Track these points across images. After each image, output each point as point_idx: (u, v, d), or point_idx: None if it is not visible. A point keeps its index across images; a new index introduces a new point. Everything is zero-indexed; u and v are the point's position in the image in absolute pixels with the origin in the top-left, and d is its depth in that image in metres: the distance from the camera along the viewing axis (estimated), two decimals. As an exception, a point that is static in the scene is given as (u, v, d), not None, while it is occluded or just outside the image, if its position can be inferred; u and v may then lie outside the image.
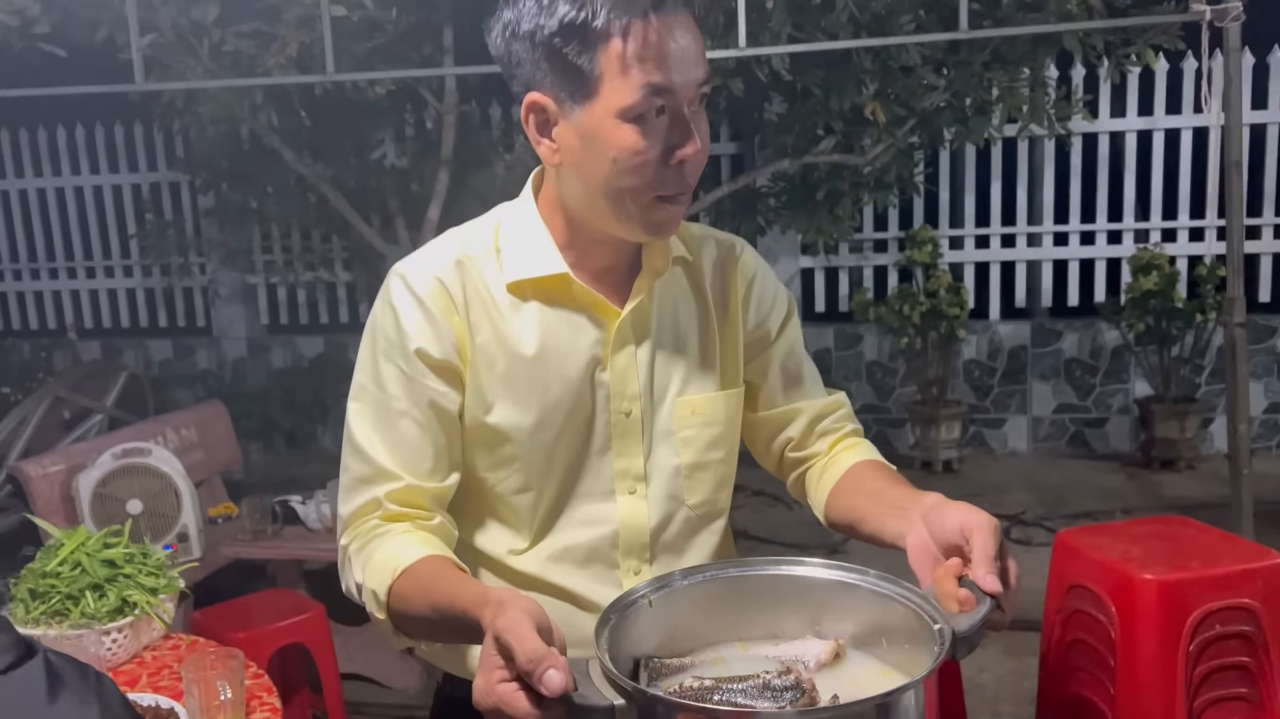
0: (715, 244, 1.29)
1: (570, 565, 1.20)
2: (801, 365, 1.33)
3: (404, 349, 1.15)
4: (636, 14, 1.02)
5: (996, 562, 0.95)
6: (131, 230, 6.91)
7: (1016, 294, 6.11)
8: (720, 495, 1.28)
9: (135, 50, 3.23)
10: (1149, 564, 1.91)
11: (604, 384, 1.19)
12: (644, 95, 1.04)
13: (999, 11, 4.19)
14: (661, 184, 1.09)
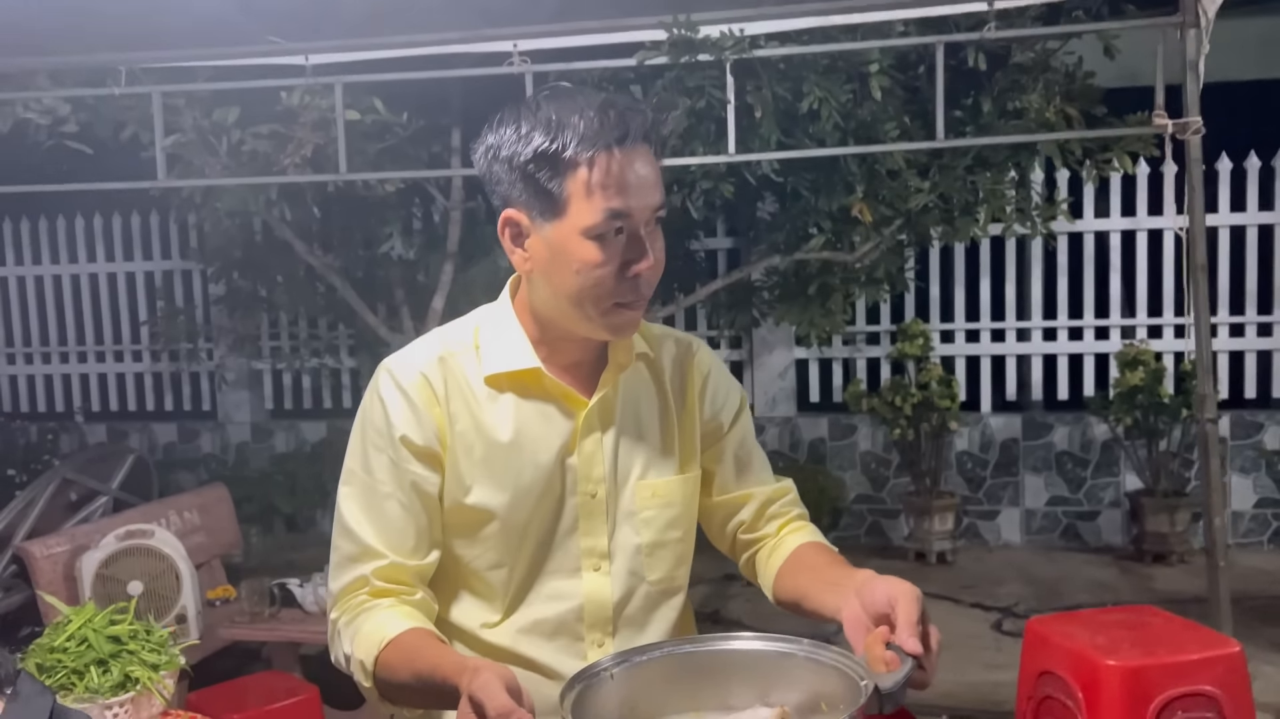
0: (675, 343, 1.43)
1: (539, 638, 1.30)
2: (752, 454, 1.45)
3: (390, 437, 1.27)
4: (601, 147, 1.18)
5: (918, 626, 1.06)
6: (144, 316, 7.09)
7: (1007, 387, 6.23)
8: (678, 572, 1.39)
9: (159, 149, 3.42)
10: (1114, 651, 1.98)
11: (572, 468, 1.31)
12: (604, 218, 1.19)
13: (980, 119, 4.42)
14: (618, 293, 1.23)
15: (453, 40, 3.14)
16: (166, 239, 7.11)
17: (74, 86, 3.64)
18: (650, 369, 1.39)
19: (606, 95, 1.24)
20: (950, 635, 4.51)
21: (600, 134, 1.18)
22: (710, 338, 6.50)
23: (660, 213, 1.25)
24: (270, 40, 3.14)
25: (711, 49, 3.08)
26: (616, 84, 3.68)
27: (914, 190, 4.37)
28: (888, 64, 3.69)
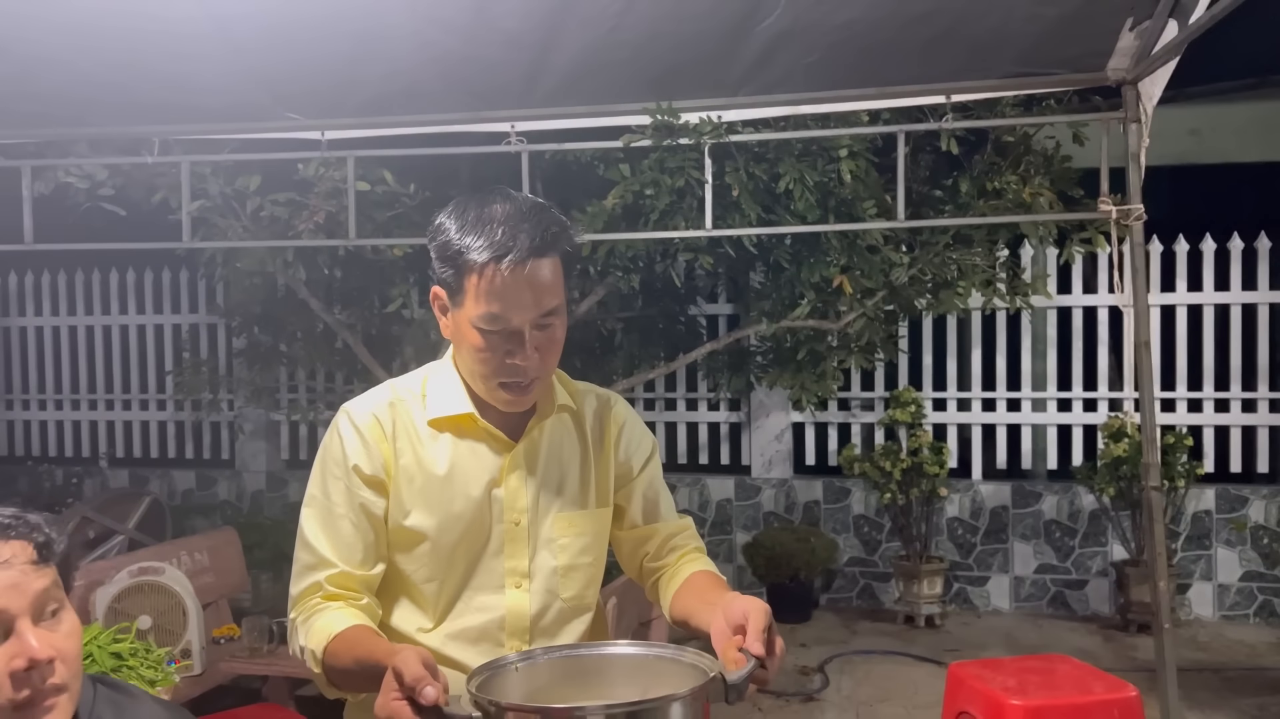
0: (595, 397, 1.67)
1: (464, 643, 1.52)
2: (659, 494, 1.67)
3: (345, 466, 1.50)
4: (492, 260, 1.41)
5: (764, 634, 1.27)
6: (168, 367, 7.41)
7: (998, 455, 6.39)
8: (588, 592, 1.61)
9: (185, 213, 3.71)
10: (1021, 692, 2.15)
11: (498, 499, 1.54)
12: (484, 320, 1.44)
13: (959, 198, 4.66)
14: (500, 374, 1.47)
15: (456, 120, 3.40)
16: (192, 295, 7.46)
17: (111, 154, 3.95)
18: (573, 418, 1.62)
19: (529, 208, 1.46)
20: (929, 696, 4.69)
21: (497, 249, 1.41)
22: (709, 400, 6.72)
23: (547, 318, 1.46)
24: (289, 117, 3.42)
25: (691, 134, 3.33)
26: (605, 163, 3.96)
27: (894, 264, 4.60)
28: (861, 148, 3.95)
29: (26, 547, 1.18)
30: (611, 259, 4.15)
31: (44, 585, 1.18)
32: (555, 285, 1.47)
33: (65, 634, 1.19)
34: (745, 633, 1.27)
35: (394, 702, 1.17)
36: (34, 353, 7.81)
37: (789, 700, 4.80)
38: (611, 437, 1.64)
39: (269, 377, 6.39)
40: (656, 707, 1.16)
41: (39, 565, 1.18)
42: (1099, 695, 2.12)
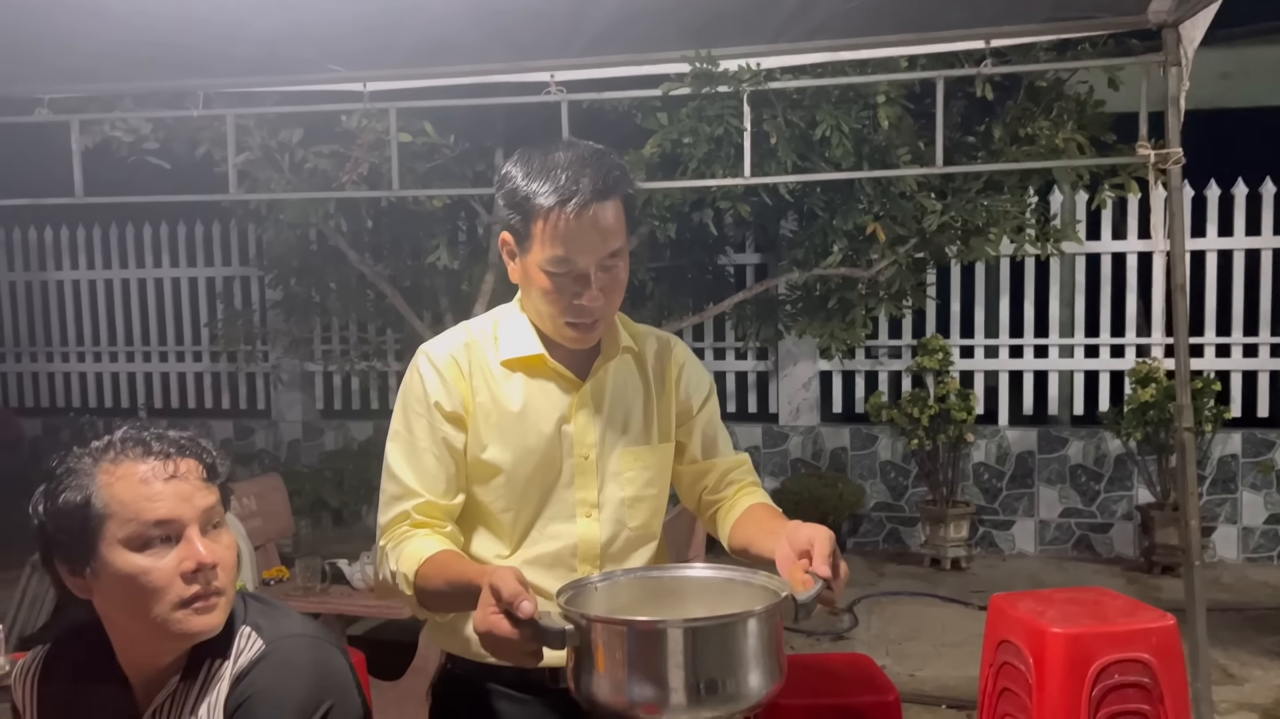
0: (656, 339, 1.76)
1: (540, 568, 1.61)
2: (717, 431, 1.77)
3: (426, 403, 1.59)
4: (557, 205, 1.49)
5: (830, 558, 1.36)
6: (206, 319, 7.54)
7: (1025, 402, 6.44)
8: (653, 521, 1.71)
9: (231, 166, 3.78)
10: (1060, 621, 2.24)
11: (568, 435, 1.63)
12: (551, 262, 1.52)
13: (992, 144, 4.67)
14: (567, 315, 1.55)
15: (496, 71, 3.45)
16: (229, 247, 7.56)
17: (156, 109, 4.01)
18: (635, 359, 1.71)
19: (590, 154, 1.54)
20: (957, 635, 4.80)
21: (562, 193, 1.49)
22: (737, 349, 6.79)
23: (611, 259, 1.54)
24: (332, 69, 3.47)
25: (730, 81, 3.36)
26: (643, 112, 3.99)
27: (928, 212, 4.63)
28: (897, 95, 3.96)
29: (197, 465, 1.32)
30: (648, 208, 4.20)
31: (210, 502, 1.31)
32: (618, 227, 1.54)
33: (225, 546, 1.32)
34: (811, 557, 1.36)
35: (492, 615, 1.27)
36: (74, 306, 7.95)
37: (819, 639, 4.93)
38: (672, 376, 1.72)
39: (305, 328, 6.51)
40: (734, 622, 1.25)
41: (207, 483, 1.31)
42: (1139, 624, 2.20)
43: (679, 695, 1.21)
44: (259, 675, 1.29)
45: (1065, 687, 2.16)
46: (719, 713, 1.24)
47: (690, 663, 1.21)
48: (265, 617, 1.37)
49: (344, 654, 1.39)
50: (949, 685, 4.33)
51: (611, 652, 1.23)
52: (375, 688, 3.77)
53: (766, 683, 1.25)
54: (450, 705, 1.68)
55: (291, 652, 1.31)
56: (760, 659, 1.25)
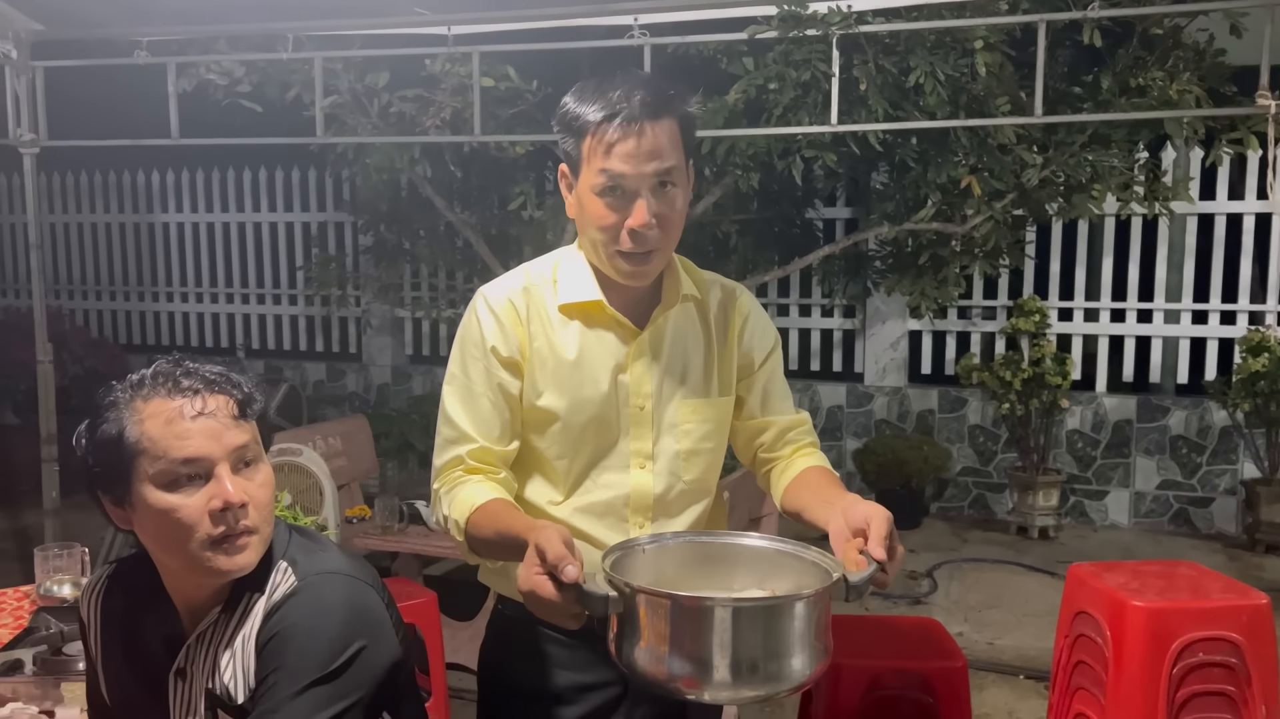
0: (721, 288, 1.69)
1: (592, 517, 1.58)
2: (778, 388, 1.70)
3: (483, 348, 1.56)
4: (604, 118, 1.45)
5: (886, 540, 1.30)
6: (300, 263, 7.72)
7: (1124, 368, 6.18)
8: (709, 476, 1.65)
9: (319, 109, 3.82)
10: (1141, 594, 2.13)
11: (624, 385, 1.58)
12: (602, 176, 1.46)
13: (1099, 95, 4.42)
14: (619, 243, 1.49)
15: (580, 14, 3.40)
16: (322, 193, 7.70)
17: (248, 51, 4.08)
18: (697, 308, 1.65)
19: (646, 78, 1.50)
20: (1040, 605, 4.68)
21: (611, 108, 1.44)
22: (823, 306, 6.66)
23: (662, 177, 1.47)
24: (417, 12, 3.47)
25: (819, 24, 3.25)
26: (728, 56, 3.89)
27: (1027, 165, 4.42)
28: (996, 40, 3.77)
29: (229, 402, 1.30)
30: (731, 158, 4.10)
31: (242, 440, 1.30)
32: (672, 148, 1.48)
33: (259, 484, 1.31)
34: (866, 536, 1.31)
35: (536, 576, 1.25)
36: (176, 248, 8.23)
37: (896, 602, 4.85)
38: (735, 328, 1.66)
39: (394, 273, 6.60)
40: (782, 604, 1.22)
41: (239, 420, 1.30)
42: (1225, 601, 2.08)
43: (720, 673, 1.18)
44: (289, 611, 1.28)
45: (1144, 663, 2.06)
46: (760, 693, 1.22)
47: (734, 642, 1.18)
48: (304, 552, 1.36)
49: (381, 593, 1.36)
50: (1028, 656, 4.22)
51: (654, 623, 1.21)
52: (448, 627, 3.84)
53: (810, 664, 1.21)
54: (500, 646, 1.68)
55: (323, 588, 1.30)
56: (805, 641, 1.21)
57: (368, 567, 1.40)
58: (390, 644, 1.33)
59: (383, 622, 1.33)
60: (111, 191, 8.40)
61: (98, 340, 7.71)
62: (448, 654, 3.75)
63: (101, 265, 8.51)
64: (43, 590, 2.33)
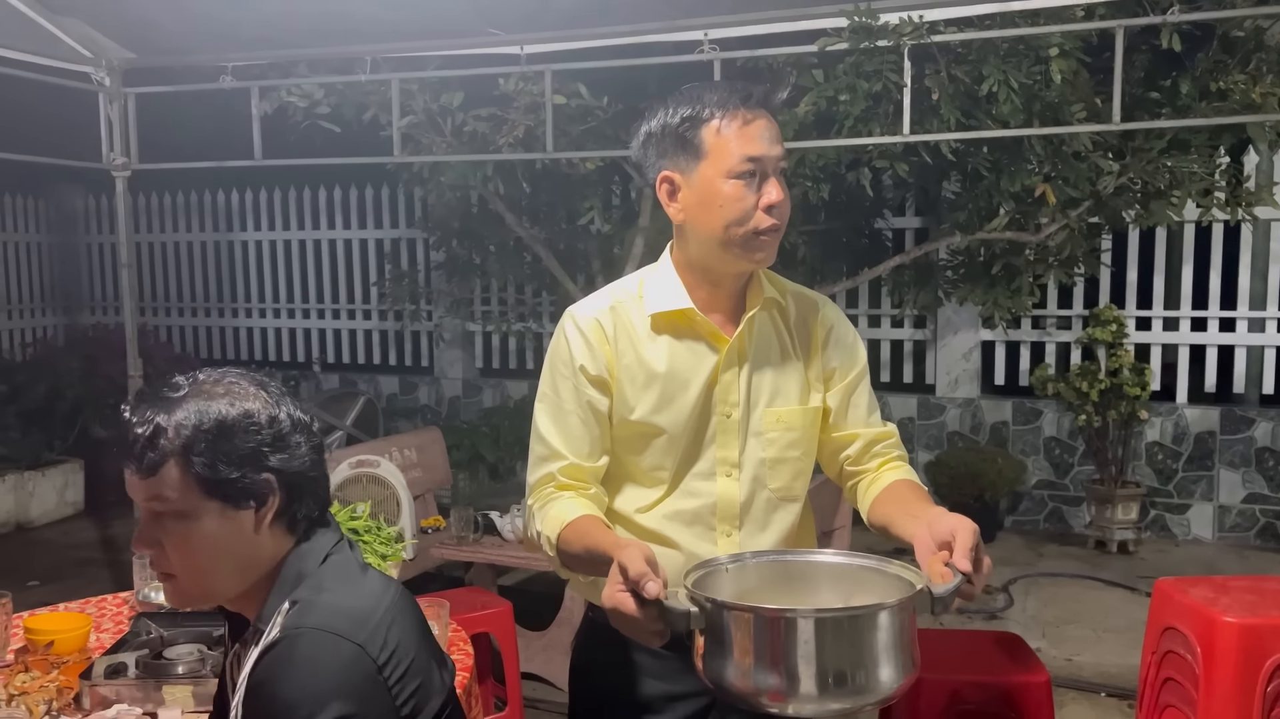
0: (803, 297, 1.71)
1: (680, 524, 1.61)
2: (863, 400, 1.69)
3: (572, 367, 1.60)
4: (731, 107, 1.50)
5: (972, 552, 1.29)
6: (374, 279, 7.89)
7: (1206, 378, 6.01)
8: (796, 484, 1.66)
9: (395, 129, 3.92)
10: (1233, 609, 2.08)
11: (711, 394, 1.60)
12: (739, 160, 1.50)
13: (1179, 100, 4.33)
14: (757, 222, 1.52)
15: (649, 30, 3.44)
16: (396, 210, 7.87)
17: (327, 74, 4.20)
18: (781, 315, 1.67)
19: (725, 83, 1.57)
20: (1120, 621, 4.58)
21: (729, 98, 1.51)
22: (893, 316, 6.60)
23: (782, 164, 1.54)
24: (491, 32, 3.55)
25: (890, 35, 3.24)
26: (798, 68, 3.89)
27: (1103, 173, 4.34)
28: (1072, 46, 3.72)
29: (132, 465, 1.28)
30: (800, 169, 4.11)
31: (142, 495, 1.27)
32: (779, 137, 1.54)
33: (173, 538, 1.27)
34: (952, 549, 1.30)
35: (619, 593, 1.27)
36: (255, 265, 8.46)
37: (971, 617, 4.77)
38: (819, 337, 1.67)
39: (465, 288, 6.72)
40: (864, 614, 1.21)
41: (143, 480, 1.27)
42: (1321, 617, 2.02)
43: (806, 685, 1.18)
44: (265, 667, 1.21)
45: (1236, 681, 2.01)
46: (846, 705, 1.21)
47: (817, 653, 1.18)
48: (314, 591, 1.26)
49: (378, 653, 1.22)
50: (1109, 673, 4.12)
51: (737, 637, 1.21)
52: (522, 637, 3.89)
53: (898, 676, 1.21)
54: (591, 654, 1.72)
55: (296, 647, 1.20)
56: (891, 652, 1.20)
57: (376, 616, 1.27)
58: (381, 709, 1.22)
59: (369, 684, 1.21)
60: (194, 211, 8.68)
61: (180, 356, 7.96)
62: (522, 664, 3.79)
63: (184, 282, 8.79)
64: (141, 597, 2.42)
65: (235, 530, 1.26)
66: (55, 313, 8.95)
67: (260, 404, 1.28)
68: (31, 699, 1.88)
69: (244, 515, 1.26)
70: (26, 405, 6.95)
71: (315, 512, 1.32)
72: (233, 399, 1.26)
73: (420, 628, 1.35)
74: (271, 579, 1.28)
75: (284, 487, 1.27)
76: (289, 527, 1.30)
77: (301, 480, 1.29)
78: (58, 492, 6.82)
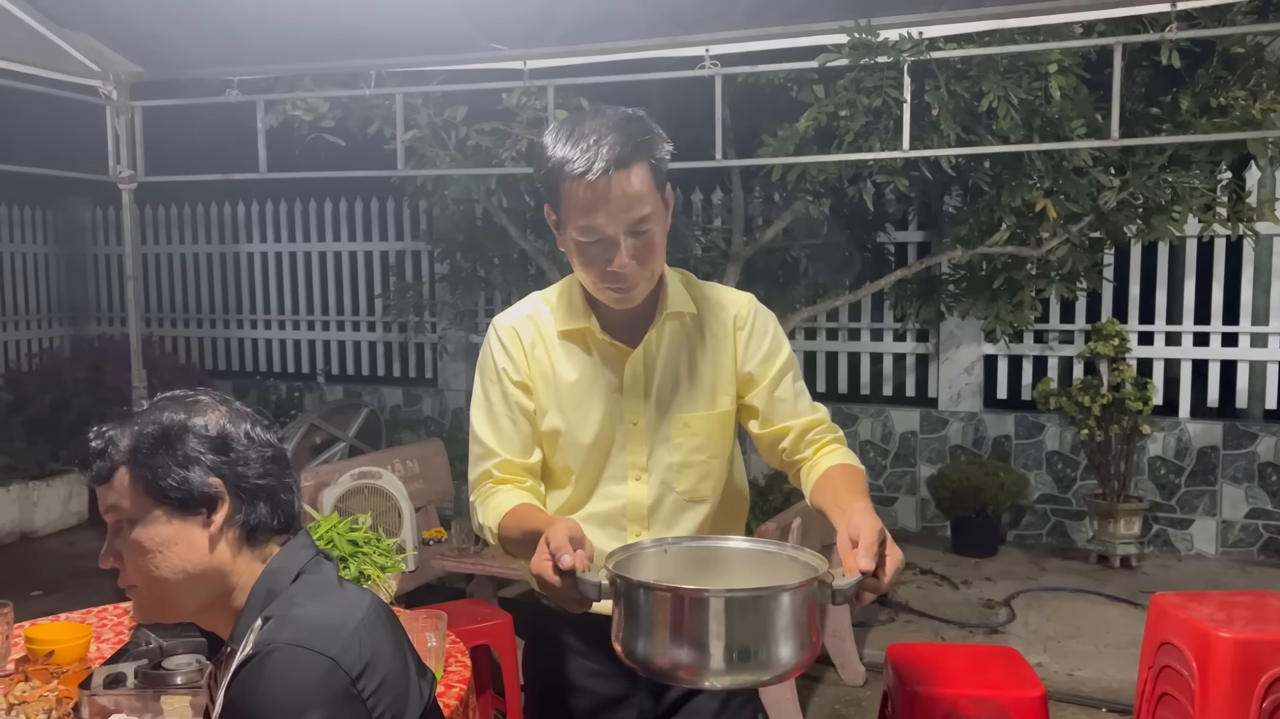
0: (726, 303, 1.75)
1: (594, 526, 1.71)
2: (788, 394, 1.74)
3: (495, 371, 1.72)
4: (579, 173, 1.53)
5: (873, 550, 1.34)
6: (378, 291, 7.92)
7: (1209, 393, 6.01)
8: (703, 486, 1.73)
9: (399, 142, 3.95)
10: (1229, 625, 2.08)
11: (618, 402, 1.71)
12: (580, 230, 1.57)
13: (1179, 116, 4.35)
14: (604, 280, 1.61)
15: (651, 46, 3.46)
16: (400, 223, 7.91)
17: (332, 88, 4.23)
18: (694, 323, 1.72)
19: (618, 121, 1.55)
20: (1123, 636, 4.58)
21: (583, 163, 1.52)
22: (895, 330, 6.61)
23: (639, 225, 1.56)
24: (494, 47, 3.58)
25: (890, 51, 3.26)
26: (799, 84, 3.92)
27: (1103, 188, 4.35)
28: (1071, 63, 3.74)
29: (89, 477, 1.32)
30: (801, 183, 4.12)
31: (105, 504, 1.30)
32: (644, 192, 1.56)
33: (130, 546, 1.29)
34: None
35: (543, 562, 1.38)
36: (260, 277, 8.50)
37: (973, 631, 4.77)
38: (734, 341, 1.72)
39: (469, 300, 6.73)
40: (755, 596, 1.28)
41: (100, 487, 1.30)
42: (1318, 632, 2.03)
43: (696, 658, 1.27)
44: (239, 682, 1.21)
45: (1231, 696, 2.02)
46: (734, 680, 1.29)
47: (708, 629, 1.26)
48: (288, 606, 1.27)
49: (351, 665, 1.22)
50: (1110, 688, 4.12)
51: (642, 613, 1.31)
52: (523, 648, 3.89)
53: (789, 656, 1.27)
54: (534, 631, 1.87)
55: (266, 664, 1.20)
56: (784, 632, 1.27)
57: (349, 629, 1.26)
58: None
59: (343, 697, 1.21)
60: (200, 223, 8.73)
61: (185, 367, 7.99)
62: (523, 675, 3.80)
63: (189, 293, 8.83)
64: (142, 607, 2.43)
65: (188, 539, 1.27)
66: (61, 323, 8.99)
67: (214, 417, 1.30)
68: (31, 709, 1.89)
69: (195, 523, 1.27)
70: (32, 415, 6.98)
71: (275, 520, 1.32)
72: (186, 411, 1.29)
73: (397, 640, 1.35)
74: (242, 600, 1.30)
75: (233, 492, 1.29)
76: (248, 539, 1.31)
77: (252, 487, 1.30)
78: (62, 502, 6.84)
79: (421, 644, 2.12)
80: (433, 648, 2.13)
